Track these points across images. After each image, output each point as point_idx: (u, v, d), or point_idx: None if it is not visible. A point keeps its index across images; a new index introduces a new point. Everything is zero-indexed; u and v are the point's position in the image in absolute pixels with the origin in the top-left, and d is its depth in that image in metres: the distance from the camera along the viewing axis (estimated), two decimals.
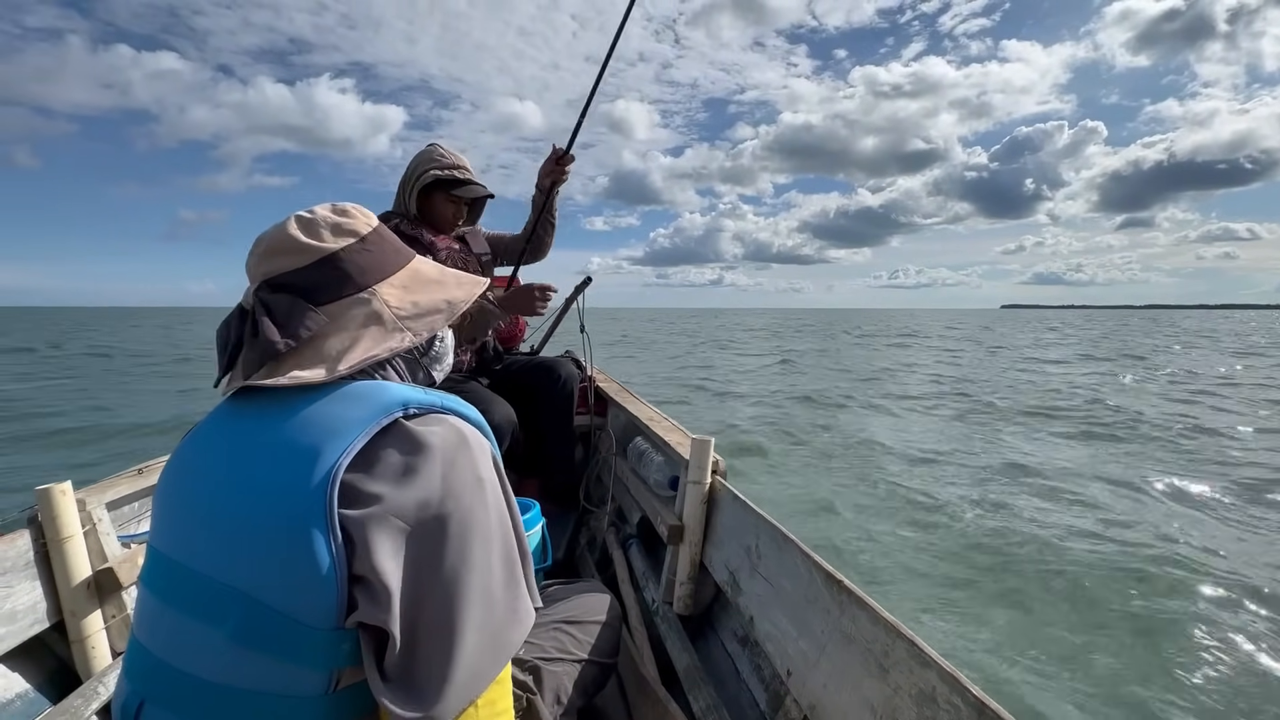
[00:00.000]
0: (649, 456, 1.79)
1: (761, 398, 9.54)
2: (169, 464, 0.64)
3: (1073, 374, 12.80)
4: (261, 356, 0.60)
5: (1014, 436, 6.52)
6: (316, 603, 0.53)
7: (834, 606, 0.85)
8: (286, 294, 0.63)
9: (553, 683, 0.91)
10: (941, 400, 9.19)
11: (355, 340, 0.63)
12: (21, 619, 1.05)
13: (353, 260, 0.66)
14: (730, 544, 1.25)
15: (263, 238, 0.66)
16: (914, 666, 0.68)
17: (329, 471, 0.54)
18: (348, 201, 0.72)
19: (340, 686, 0.56)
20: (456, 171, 1.84)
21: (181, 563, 0.57)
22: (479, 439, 0.64)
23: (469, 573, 0.58)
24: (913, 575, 3.19)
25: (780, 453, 5.85)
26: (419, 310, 0.68)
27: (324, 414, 0.58)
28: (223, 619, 0.54)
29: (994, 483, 4.77)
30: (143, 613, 0.61)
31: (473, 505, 0.59)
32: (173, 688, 0.57)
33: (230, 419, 0.62)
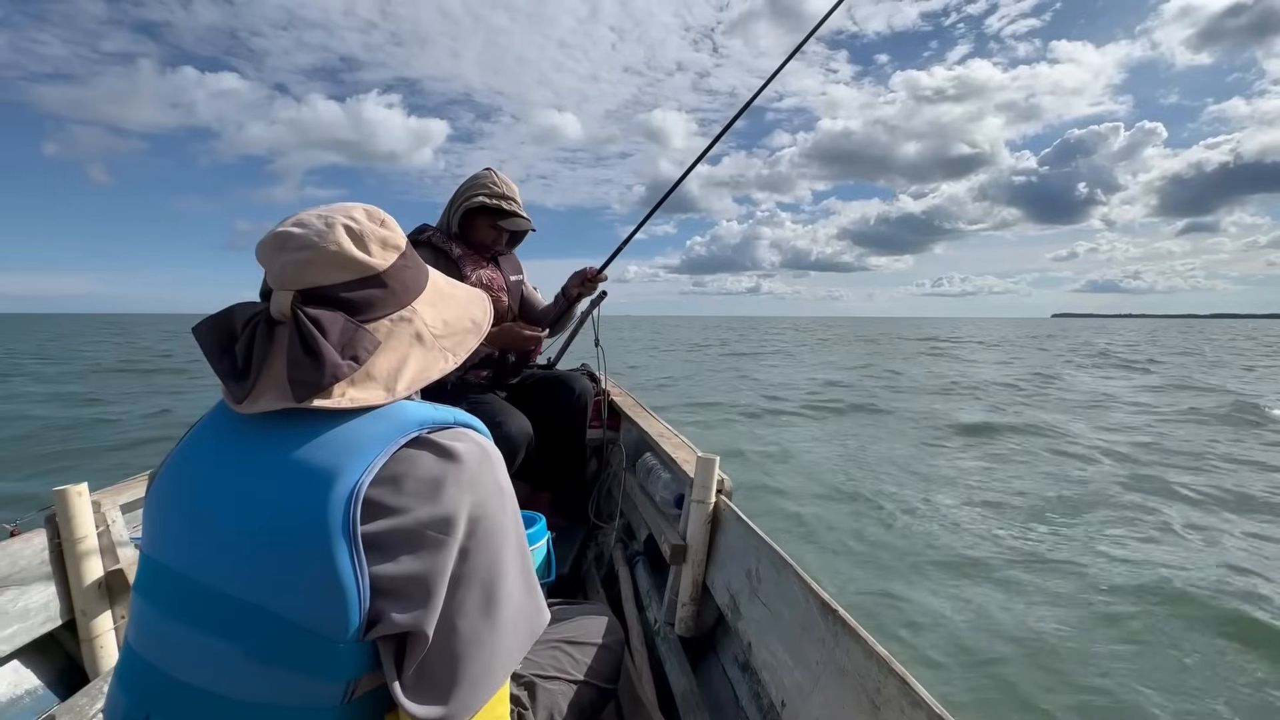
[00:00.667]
0: (656, 473, 1.77)
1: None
2: (166, 471, 0.63)
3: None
4: (327, 379, 0.57)
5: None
6: (339, 617, 0.53)
7: (829, 637, 0.83)
8: (331, 309, 0.60)
9: (547, 700, 0.90)
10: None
11: (404, 361, 0.63)
12: (34, 616, 1.08)
13: (398, 277, 0.65)
14: (732, 566, 1.23)
15: (299, 240, 0.61)
16: (904, 706, 0.65)
17: (351, 489, 0.54)
18: (388, 211, 0.69)
19: (356, 695, 0.56)
20: (504, 202, 1.90)
21: (190, 576, 0.57)
22: (496, 452, 0.66)
23: (496, 579, 0.60)
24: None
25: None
26: (451, 330, 0.68)
27: (343, 433, 0.58)
28: (240, 634, 0.54)
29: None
30: (142, 624, 0.60)
31: (497, 514, 0.61)
32: (181, 702, 0.57)
33: (236, 432, 0.61)
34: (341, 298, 0.62)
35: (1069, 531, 4.09)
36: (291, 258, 0.61)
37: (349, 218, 0.64)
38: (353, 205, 0.67)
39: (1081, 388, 12.50)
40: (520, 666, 0.90)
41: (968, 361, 18.92)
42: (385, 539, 0.55)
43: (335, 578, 0.53)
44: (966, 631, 2.82)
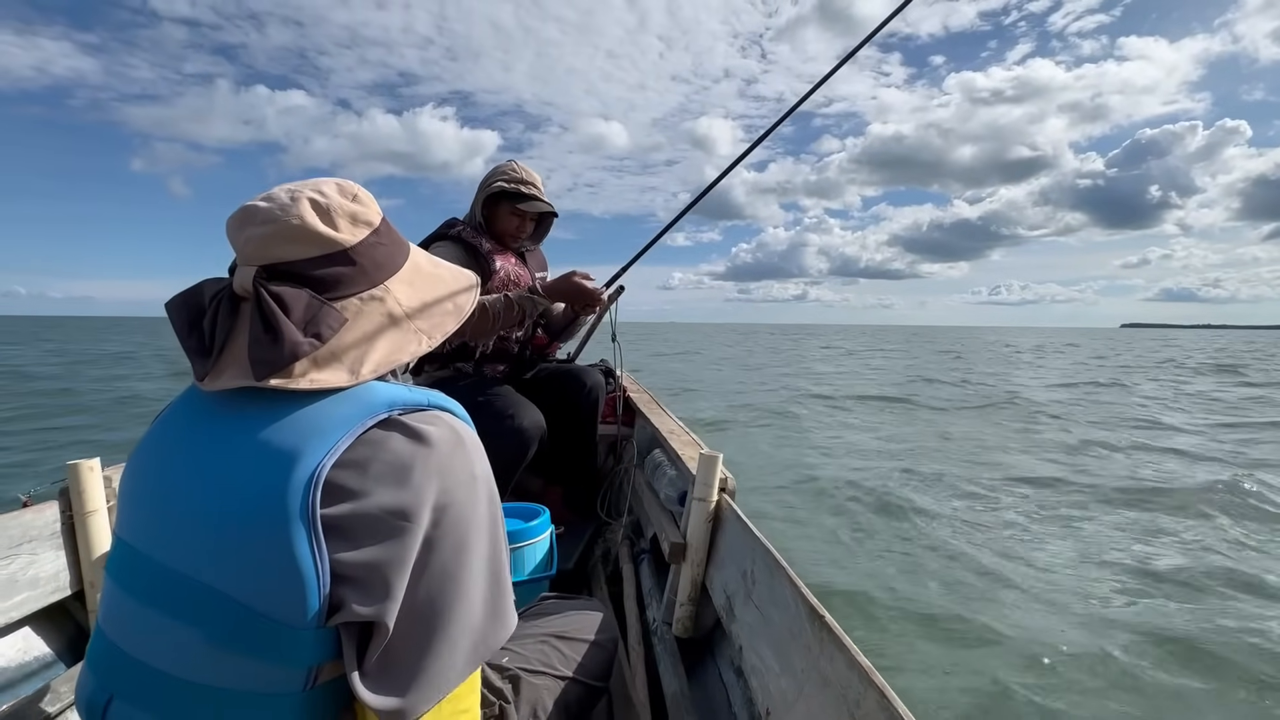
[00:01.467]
0: (663, 470, 1.74)
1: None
2: (137, 452, 0.62)
3: None
4: (286, 357, 0.56)
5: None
6: (299, 604, 0.52)
7: (815, 643, 0.78)
8: (295, 285, 0.58)
9: (530, 695, 0.88)
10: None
11: (372, 342, 0.60)
12: (45, 585, 1.12)
13: (368, 254, 0.62)
14: (730, 567, 1.19)
15: (263, 214, 0.59)
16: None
17: (311, 473, 0.52)
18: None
19: (318, 683, 0.55)
20: (523, 186, 1.90)
21: (155, 559, 0.56)
22: (473, 437, 0.62)
23: (460, 570, 0.57)
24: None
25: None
26: (427, 310, 0.66)
27: (309, 414, 0.56)
28: (200, 619, 0.53)
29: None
30: (110, 606, 0.59)
31: (467, 503, 0.58)
32: (143, 685, 0.56)
33: (205, 412, 0.60)
34: (307, 274, 0.59)
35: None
36: (255, 232, 0.59)
37: (317, 192, 0.62)
38: (325, 180, 0.65)
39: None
40: (506, 659, 0.88)
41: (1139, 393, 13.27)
42: (346, 524, 0.53)
43: (294, 563, 0.52)
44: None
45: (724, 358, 21.80)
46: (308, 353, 0.57)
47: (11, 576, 1.05)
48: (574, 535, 1.96)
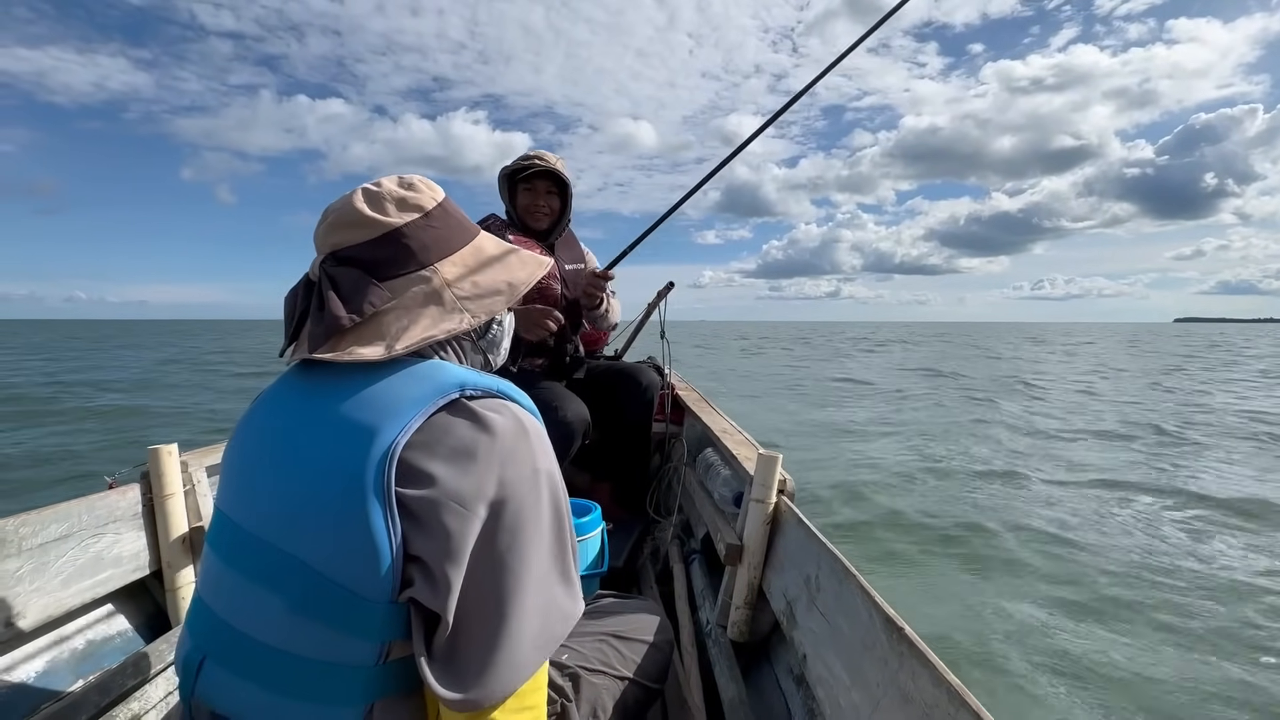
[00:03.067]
0: (716, 469, 1.71)
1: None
2: (237, 430, 0.66)
3: None
4: (327, 331, 0.60)
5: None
6: (372, 577, 0.54)
7: (892, 657, 0.74)
8: (351, 268, 0.63)
9: (590, 694, 0.87)
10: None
11: (414, 319, 0.63)
12: (127, 564, 1.17)
13: (416, 236, 0.65)
14: (790, 571, 1.15)
15: (330, 209, 0.66)
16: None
17: (387, 449, 0.54)
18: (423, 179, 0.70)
19: (390, 658, 0.57)
20: (522, 160, 1.92)
21: (245, 528, 0.60)
22: (538, 429, 0.63)
23: (520, 562, 0.58)
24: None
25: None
26: (479, 291, 0.67)
27: (384, 392, 0.58)
28: (282, 586, 0.56)
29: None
30: (208, 572, 0.63)
31: (528, 495, 0.59)
32: (232, 647, 0.59)
33: (294, 391, 0.64)
34: (362, 258, 0.64)
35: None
36: (323, 225, 0.65)
37: (375, 183, 0.67)
38: (394, 175, 0.69)
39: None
40: (566, 657, 0.88)
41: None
42: (415, 504, 0.55)
43: (369, 535, 0.53)
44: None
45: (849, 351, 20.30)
46: (347, 326, 0.60)
47: (98, 555, 1.11)
48: (623, 533, 1.95)
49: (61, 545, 1.04)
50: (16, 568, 0.96)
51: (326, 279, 0.62)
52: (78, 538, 1.07)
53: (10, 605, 0.94)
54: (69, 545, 1.05)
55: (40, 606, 0.99)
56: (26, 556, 0.98)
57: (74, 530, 1.06)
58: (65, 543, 1.04)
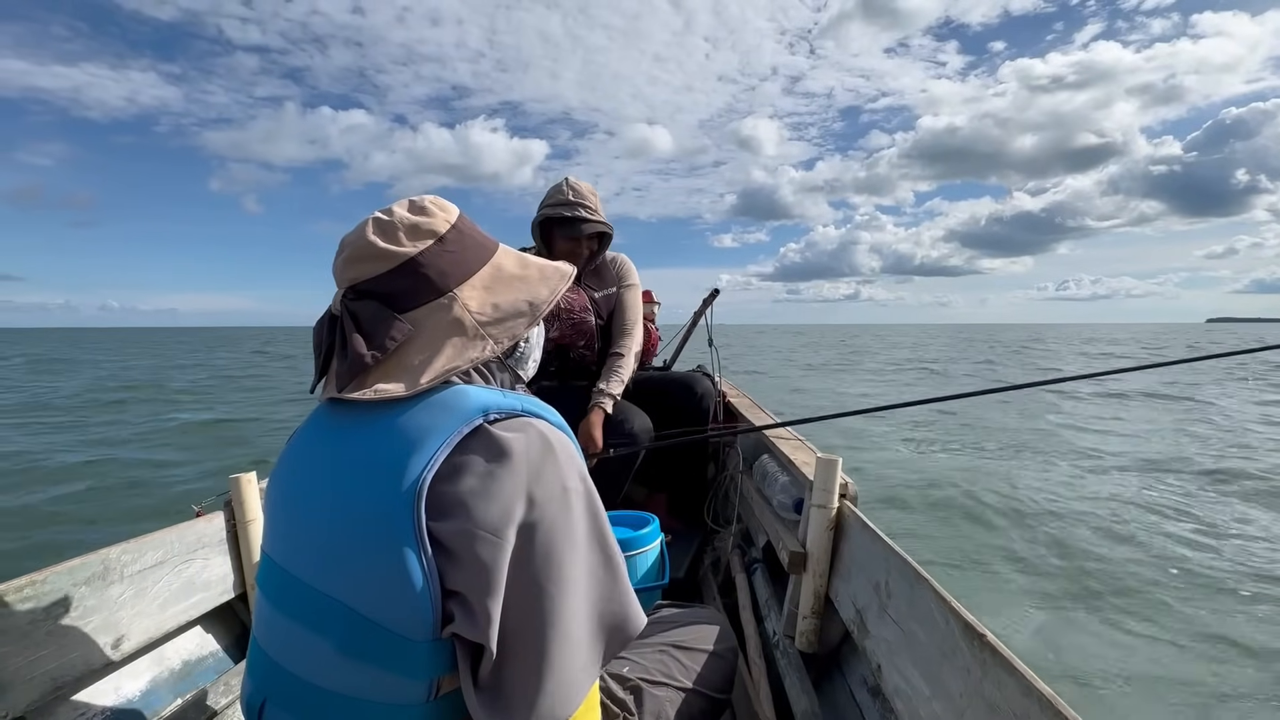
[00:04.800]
0: (774, 476, 1.67)
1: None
2: (275, 470, 0.67)
3: None
4: (351, 370, 0.60)
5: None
6: (413, 616, 0.53)
7: (975, 665, 0.71)
8: (371, 301, 0.62)
9: (654, 706, 0.86)
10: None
11: (437, 350, 0.61)
12: (215, 587, 1.24)
13: (432, 263, 0.63)
14: (858, 578, 1.11)
15: (346, 242, 0.65)
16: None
17: (414, 486, 0.54)
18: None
19: (441, 694, 0.57)
20: (564, 209, 1.82)
21: (290, 571, 0.60)
22: (564, 444, 0.61)
23: (558, 584, 0.56)
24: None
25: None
26: (501, 314, 0.65)
27: (408, 426, 0.57)
28: (328, 630, 0.56)
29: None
30: (260, 615, 0.64)
31: (559, 514, 0.57)
32: (290, 691, 0.60)
33: (325, 429, 0.64)
34: (380, 291, 0.62)
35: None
36: (340, 258, 0.65)
37: (385, 211, 0.65)
38: (405, 200, 0.68)
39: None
40: (626, 669, 0.87)
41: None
42: (447, 539, 0.54)
43: (406, 577, 0.53)
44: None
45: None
46: (370, 365, 0.59)
47: (189, 580, 1.18)
48: (682, 544, 1.94)
49: (158, 571, 1.11)
50: (119, 593, 1.03)
51: (348, 315, 0.62)
52: (171, 563, 1.14)
53: (116, 628, 1.01)
54: (164, 571, 1.12)
55: (141, 629, 1.06)
56: (128, 582, 1.05)
57: (168, 556, 1.13)
58: (161, 569, 1.11)
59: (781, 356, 22.56)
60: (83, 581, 0.97)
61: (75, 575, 0.96)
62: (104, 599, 1.00)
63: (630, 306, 1.99)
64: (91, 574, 0.98)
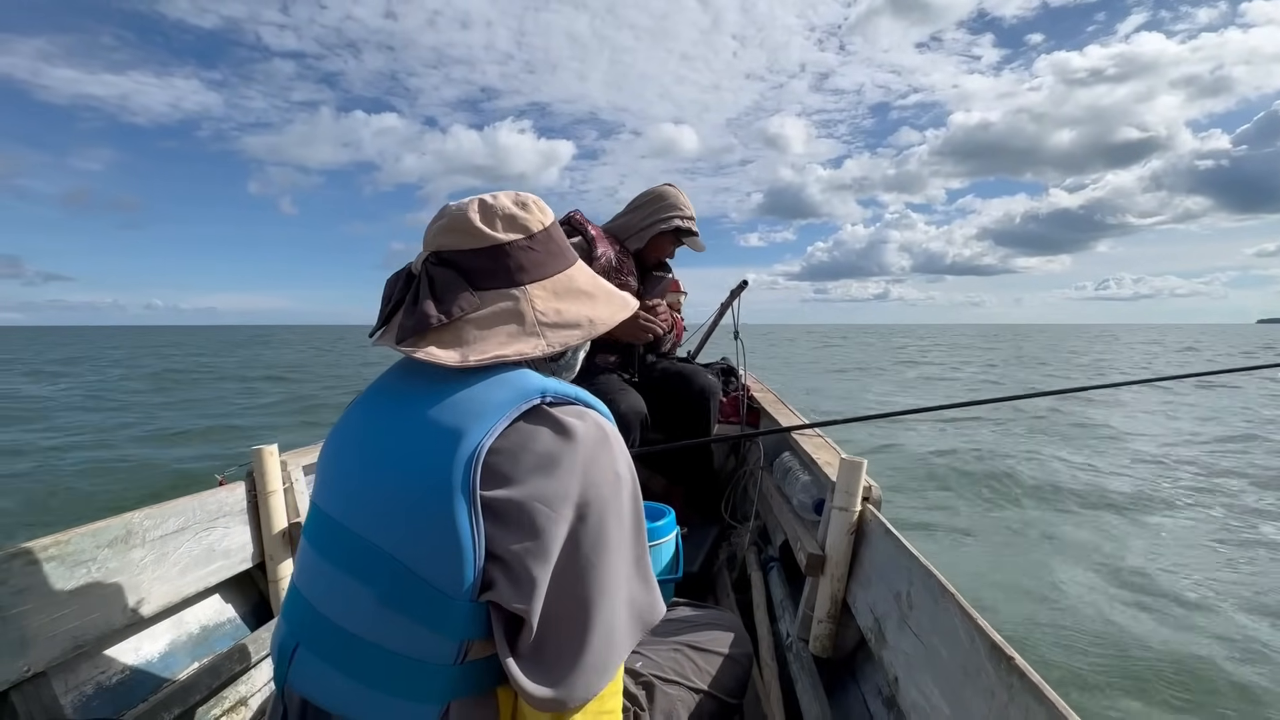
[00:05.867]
0: (795, 475, 1.63)
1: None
2: (334, 431, 0.70)
3: None
4: (416, 325, 0.63)
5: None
6: (455, 574, 0.56)
7: (1000, 688, 0.67)
8: (451, 270, 0.66)
9: (665, 704, 0.85)
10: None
11: (493, 333, 0.65)
12: (234, 555, 1.26)
13: (515, 255, 0.67)
14: (878, 585, 1.07)
15: (446, 211, 0.69)
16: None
17: (473, 451, 0.56)
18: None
19: (469, 658, 0.58)
20: (692, 223, 1.99)
21: (340, 522, 0.62)
22: (617, 436, 0.65)
23: (604, 564, 0.59)
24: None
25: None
26: (561, 320, 0.68)
27: (470, 397, 0.61)
28: (372, 578, 0.59)
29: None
30: (303, 563, 0.67)
31: (611, 499, 0.60)
32: (323, 636, 0.62)
33: (388, 394, 0.67)
34: (463, 264, 0.66)
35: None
36: (436, 224, 0.68)
37: (492, 196, 0.69)
38: (512, 191, 0.71)
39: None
40: (640, 664, 0.87)
41: None
42: (500, 506, 0.56)
43: (454, 534, 0.55)
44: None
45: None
46: (434, 326, 0.63)
47: (209, 547, 1.20)
48: (697, 538, 1.91)
49: (179, 537, 1.13)
50: (141, 557, 1.04)
51: (426, 276, 0.66)
52: (192, 530, 1.16)
53: (136, 591, 1.03)
54: (185, 538, 1.14)
55: (161, 594, 1.08)
56: (149, 547, 1.07)
57: (189, 524, 1.15)
58: (181, 535, 1.13)
59: (830, 356, 21.28)
60: (105, 544, 0.98)
61: (98, 538, 0.98)
62: (125, 562, 1.02)
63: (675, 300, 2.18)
64: (114, 537, 1.00)
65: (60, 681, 0.93)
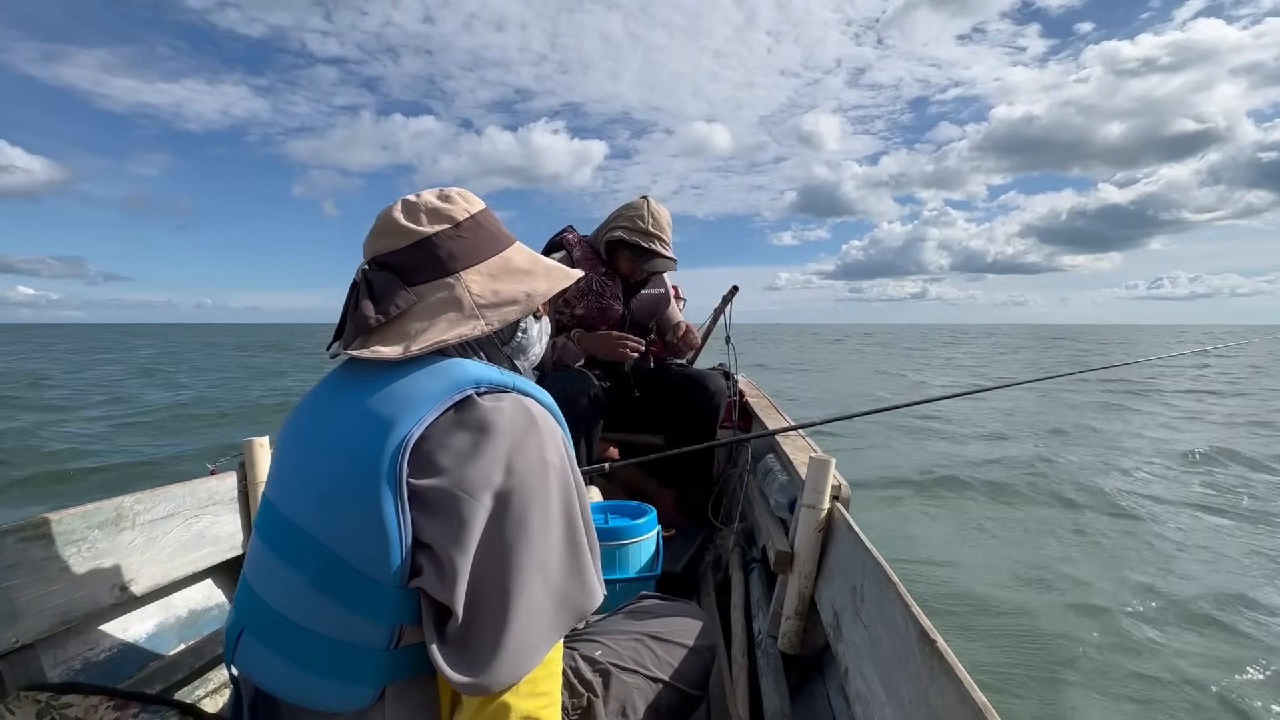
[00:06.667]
0: (774, 475, 1.65)
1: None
2: (285, 423, 0.72)
3: None
4: (356, 329, 0.65)
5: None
6: (382, 561, 0.57)
7: (924, 671, 0.68)
8: (386, 272, 0.68)
9: (620, 692, 0.86)
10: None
11: (433, 322, 0.67)
12: (224, 542, 1.31)
13: (444, 245, 0.69)
14: (840, 581, 1.09)
15: (377, 217, 0.72)
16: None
17: (401, 441, 0.58)
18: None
19: (402, 644, 0.60)
20: (643, 239, 1.92)
21: (280, 510, 0.65)
22: (549, 421, 0.65)
23: (526, 551, 0.59)
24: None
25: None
26: (498, 299, 0.70)
27: (405, 388, 0.62)
28: (304, 565, 0.61)
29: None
30: (251, 552, 0.69)
31: (535, 486, 0.61)
32: (264, 621, 0.64)
33: (333, 387, 0.70)
34: (396, 264, 0.69)
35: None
36: (369, 232, 0.71)
37: (416, 195, 0.71)
38: (436, 188, 0.73)
39: None
40: (599, 653, 0.88)
41: None
42: (426, 494, 0.58)
43: (380, 522, 0.57)
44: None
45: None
46: (374, 325, 0.65)
47: (198, 533, 1.25)
48: (685, 539, 1.93)
49: (168, 523, 1.18)
50: (130, 539, 1.10)
51: (365, 282, 0.68)
52: (182, 516, 1.21)
53: (125, 572, 1.08)
54: (174, 523, 1.19)
55: (150, 575, 1.13)
56: (139, 530, 1.12)
57: (179, 510, 1.21)
58: (171, 520, 1.18)
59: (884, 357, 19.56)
60: (96, 525, 1.04)
61: (89, 519, 1.03)
62: (115, 543, 1.07)
63: (675, 313, 2.24)
64: (105, 519, 1.05)
65: (49, 654, 0.98)
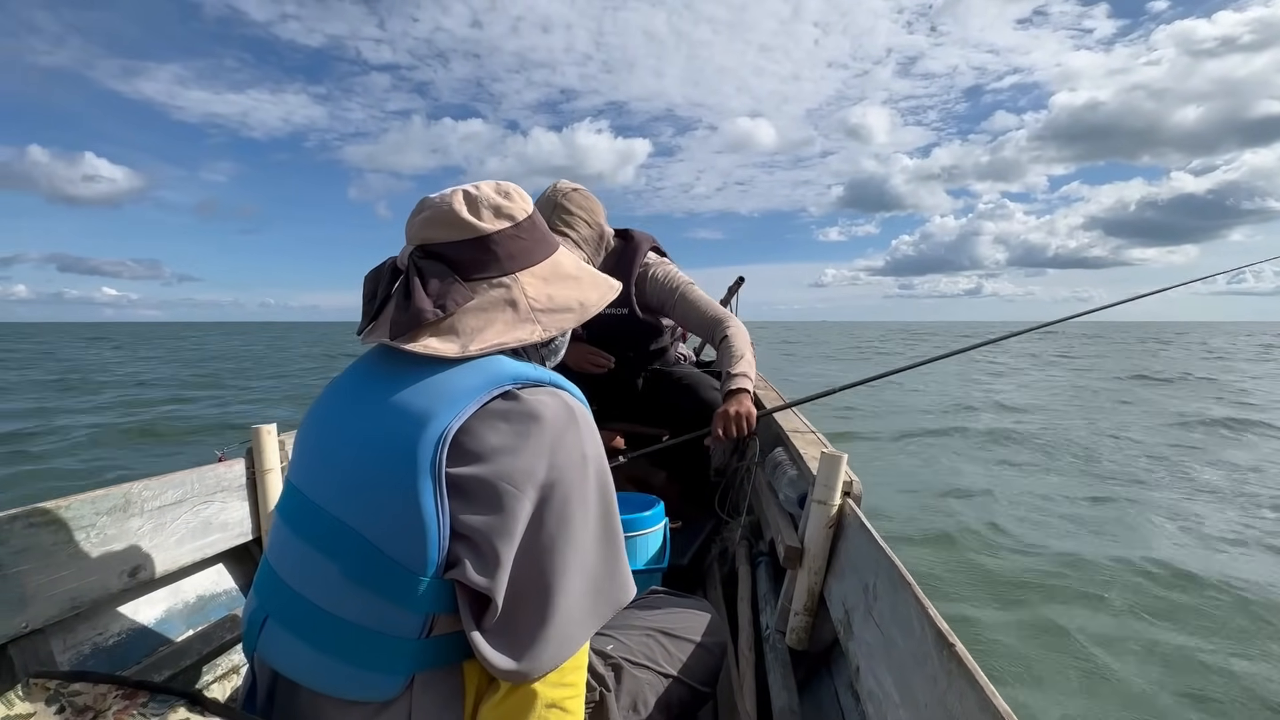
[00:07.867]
0: (783, 469, 1.64)
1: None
2: (311, 408, 0.72)
3: None
4: (410, 321, 0.64)
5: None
6: (419, 551, 0.57)
7: (941, 674, 0.67)
8: (439, 263, 0.67)
9: (632, 686, 0.86)
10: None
11: (489, 323, 0.66)
12: (233, 529, 1.31)
13: (504, 244, 0.68)
14: (850, 578, 1.08)
15: (428, 203, 0.69)
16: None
17: (441, 432, 0.58)
18: (514, 187, 0.72)
19: (433, 633, 0.60)
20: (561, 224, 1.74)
21: (310, 498, 0.64)
22: (587, 418, 0.66)
23: (567, 542, 0.60)
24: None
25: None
26: (553, 305, 0.70)
27: (444, 381, 0.62)
28: (338, 554, 0.60)
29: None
30: (275, 538, 0.69)
31: (576, 480, 0.61)
32: (291, 609, 0.64)
33: (365, 375, 0.69)
34: (451, 256, 0.67)
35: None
36: (418, 217, 0.69)
37: (474, 186, 0.70)
38: (493, 181, 0.72)
39: None
40: (611, 648, 0.88)
41: None
42: (466, 485, 0.58)
43: (418, 512, 0.57)
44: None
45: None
46: (430, 320, 0.63)
47: (207, 520, 1.25)
48: (691, 532, 1.92)
49: (177, 509, 1.18)
50: (139, 525, 1.10)
51: (416, 270, 0.66)
52: (190, 503, 1.21)
53: (134, 558, 1.08)
54: (183, 510, 1.19)
55: (158, 561, 1.13)
56: (148, 517, 1.12)
57: (187, 496, 1.20)
58: (179, 507, 1.18)
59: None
60: (105, 511, 1.04)
61: (98, 505, 1.03)
62: (124, 530, 1.07)
63: (698, 301, 1.89)
64: (113, 505, 1.05)
65: (58, 640, 0.98)
